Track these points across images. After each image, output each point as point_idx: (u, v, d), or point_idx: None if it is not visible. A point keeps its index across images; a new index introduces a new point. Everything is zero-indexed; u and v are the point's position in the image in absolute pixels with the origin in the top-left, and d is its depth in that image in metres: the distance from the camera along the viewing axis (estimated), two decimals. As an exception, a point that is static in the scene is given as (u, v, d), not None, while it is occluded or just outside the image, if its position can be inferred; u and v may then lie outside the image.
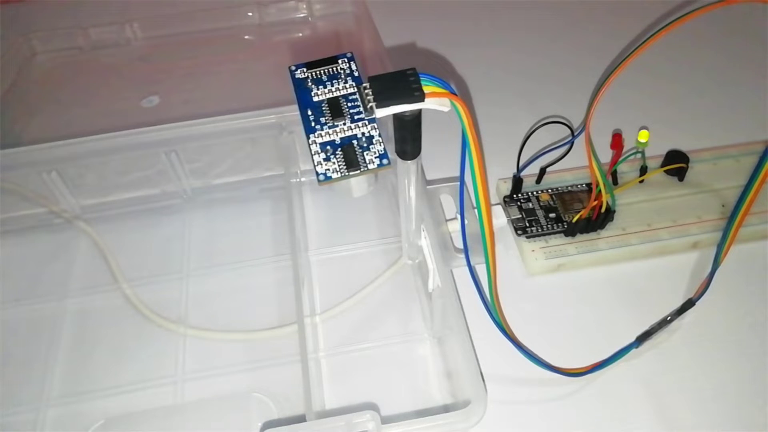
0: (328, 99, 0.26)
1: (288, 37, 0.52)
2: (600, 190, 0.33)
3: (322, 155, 0.25)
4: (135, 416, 0.31)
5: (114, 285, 0.36)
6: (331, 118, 0.25)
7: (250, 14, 0.52)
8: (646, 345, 0.31)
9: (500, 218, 0.37)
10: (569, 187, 0.39)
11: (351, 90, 0.26)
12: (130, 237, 0.39)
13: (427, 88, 0.23)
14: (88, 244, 0.39)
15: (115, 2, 0.56)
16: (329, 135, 0.25)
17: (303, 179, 0.40)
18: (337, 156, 0.25)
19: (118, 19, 0.51)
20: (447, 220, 0.37)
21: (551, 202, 0.38)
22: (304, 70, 0.26)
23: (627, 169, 0.39)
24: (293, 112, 0.37)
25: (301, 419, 0.26)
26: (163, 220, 0.40)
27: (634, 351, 0.31)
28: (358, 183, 0.26)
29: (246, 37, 0.52)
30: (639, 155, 0.37)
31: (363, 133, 0.25)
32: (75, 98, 0.49)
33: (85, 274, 0.37)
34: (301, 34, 0.52)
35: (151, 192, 0.40)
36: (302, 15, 0.52)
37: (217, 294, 0.36)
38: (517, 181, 0.38)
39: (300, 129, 0.26)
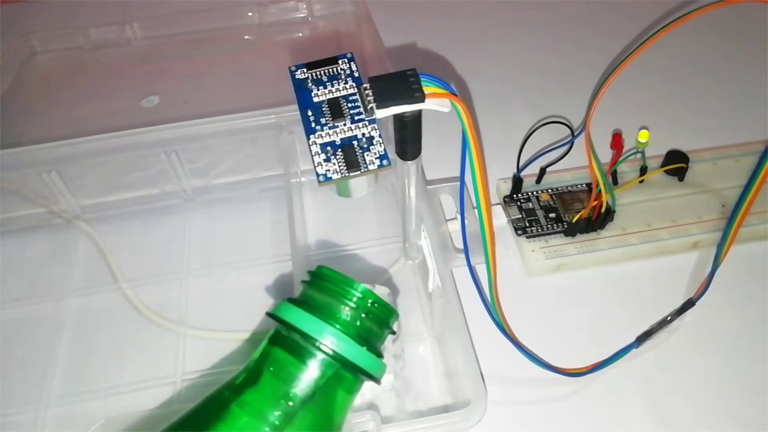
0: (329, 99, 0.26)
1: (288, 37, 0.52)
2: (600, 190, 0.33)
3: (323, 156, 0.25)
4: (135, 416, 0.31)
5: (114, 285, 0.36)
6: (331, 118, 0.25)
7: (250, 14, 0.52)
8: (646, 345, 0.31)
9: (500, 218, 0.38)
10: (569, 187, 0.39)
11: (351, 90, 0.26)
12: (130, 237, 0.39)
13: (427, 89, 0.23)
14: (88, 244, 0.39)
15: (115, 2, 0.56)
16: (329, 136, 0.25)
17: (303, 179, 0.40)
18: (338, 157, 0.25)
19: (118, 19, 0.51)
20: (447, 220, 0.37)
21: (551, 202, 0.38)
22: (304, 70, 0.26)
23: (627, 169, 0.39)
24: (293, 112, 0.37)
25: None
26: (163, 220, 0.40)
27: (634, 351, 0.31)
28: (358, 184, 0.26)
29: (246, 37, 0.52)
30: (639, 155, 0.37)
31: (363, 134, 0.25)
32: (75, 98, 0.49)
33: (85, 274, 0.37)
34: (301, 34, 0.52)
35: (151, 192, 0.40)
36: (302, 15, 0.52)
37: (217, 294, 0.36)
38: (517, 181, 0.38)
39: (300, 129, 0.26)
